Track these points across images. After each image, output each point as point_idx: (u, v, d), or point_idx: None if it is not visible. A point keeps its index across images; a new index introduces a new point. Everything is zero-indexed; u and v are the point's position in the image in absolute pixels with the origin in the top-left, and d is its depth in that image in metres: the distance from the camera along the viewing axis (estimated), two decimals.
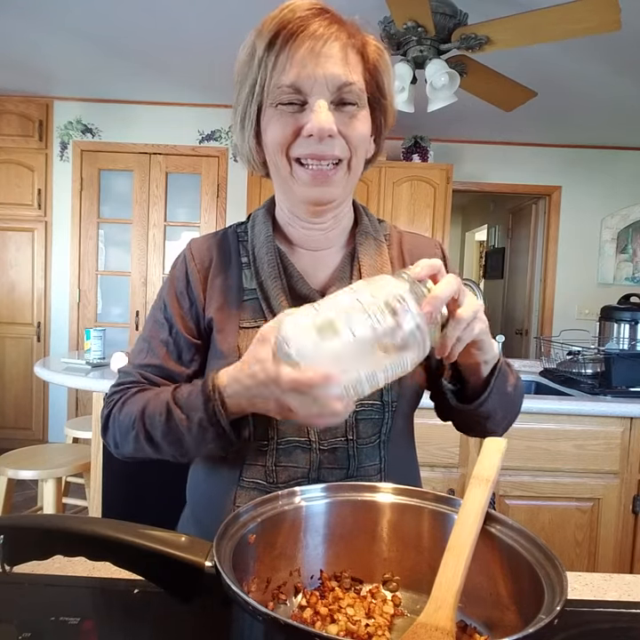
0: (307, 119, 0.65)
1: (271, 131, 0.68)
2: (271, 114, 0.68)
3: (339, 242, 0.79)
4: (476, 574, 0.50)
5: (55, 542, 0.49)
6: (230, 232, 0.83)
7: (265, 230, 0.78)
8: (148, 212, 4.15)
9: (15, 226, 4.10)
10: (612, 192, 4.54)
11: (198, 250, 0.80)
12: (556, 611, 0.37)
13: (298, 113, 0.66)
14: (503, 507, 1.83)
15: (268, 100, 0.67)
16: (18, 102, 4.00)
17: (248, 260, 0.78)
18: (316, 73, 0.64)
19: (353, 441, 0.72)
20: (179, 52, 3.18)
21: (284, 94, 0.65)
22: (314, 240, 0.77)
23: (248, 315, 0.74)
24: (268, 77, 0.66)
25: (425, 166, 4.06)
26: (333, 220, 0.76)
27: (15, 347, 4.15)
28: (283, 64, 0.65)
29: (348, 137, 0.67)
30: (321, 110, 0.65)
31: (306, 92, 0.65)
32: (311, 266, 0.77)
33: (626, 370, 1.98)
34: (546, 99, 3.24)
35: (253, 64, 0.68)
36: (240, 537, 0.46)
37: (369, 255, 0.77)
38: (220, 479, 0.75)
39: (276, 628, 0.35)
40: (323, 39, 0.64)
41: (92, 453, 1.99)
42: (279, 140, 0.67)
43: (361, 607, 0.51)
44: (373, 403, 0.72)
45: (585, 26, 1.99)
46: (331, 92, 0.65)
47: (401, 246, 0.83)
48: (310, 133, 0.65)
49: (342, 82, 0.65)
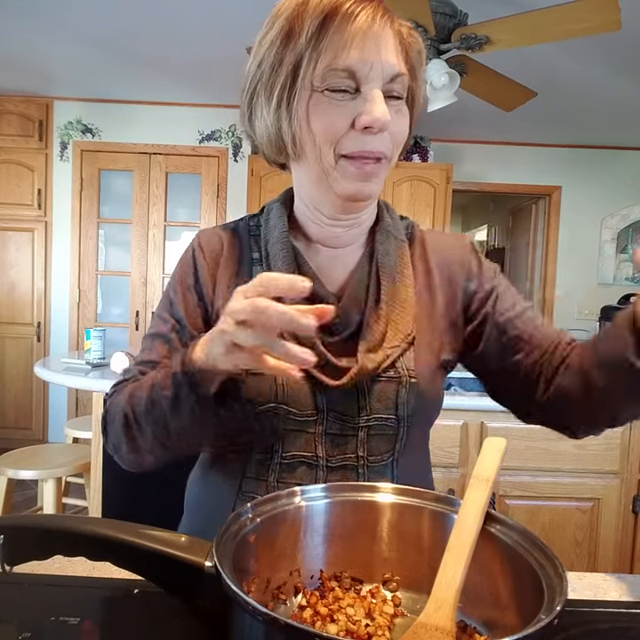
0: (361, 109, 0.60)
1: (320, 121, 0.61)
2: (318, 100, 0.61)
3: (359, 240, 0.74)
4: (476, 574, 0.50)
5: (55, 542, 0.49)
6: (242, 225, 0.78)
7: (280, 225, 0.72)
8: (147, 212, 4.15)
9: (15, 226, 4.10)
10: (612, 192, 4.54)
11: (207, 242, 0.76)
12: (556, 611, 0.37)
13: (349, 102, 0.61)
14: (503, 507, 1.83)
15: (313, 82, 0.61)
16: (18, 102, 4.00)
17: (260, 255, 0.73)
18: (374, 58, 0.59)
19: (364, 458, 0.68)
20: (179, 53, 3.18)
21: (337, 78, 0.60)
22: (335, 237, 0.72)
23: None
24: (321, 57, 0.59)
25: (425, 166, 4.06)
26: (359, 219, 0.71)
27: (15, 347, 4.15)
28: (338, 45, 0.59)
29: (393, 133, 0.63)
30: (379, 100, 0.60)
31: (360, 79, 0.60)
32: (327, 265, 0.73)
33: None
34: (546, 99, 3.24)
35: (298, 41, 0.61)
36: (240, 537, 0.46)
37: (389, 255, 0.72)
38: (219, 492, 0.72)
39: (276, 627, 0.35)
40: (379, 24, 0.60)
41: (92, 453, 1.99)
42: (330, 133, 0.61)
43: (361, 607, 0.51)
44: (387, 417, 0.67)
45: (585, 26, 1.99)
46: (384, 81, 0.61)
47: (424, 245, 0.77)
48: (367, 125, 0.60)
49: (396, 72, 0.61)
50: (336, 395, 0.67)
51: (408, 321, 0.70)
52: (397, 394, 0.67)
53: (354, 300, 0.69)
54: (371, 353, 0.67)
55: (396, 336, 0.68)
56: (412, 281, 0.72)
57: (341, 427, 0.67)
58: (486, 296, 0.74)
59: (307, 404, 0.67)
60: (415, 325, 0.70)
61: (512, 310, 0.73)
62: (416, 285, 0.73)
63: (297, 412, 0.67)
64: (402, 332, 0.69)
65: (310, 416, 0.67)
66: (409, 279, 0.72)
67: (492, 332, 0.73)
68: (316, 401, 0.67)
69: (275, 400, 0.66)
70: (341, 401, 0.67)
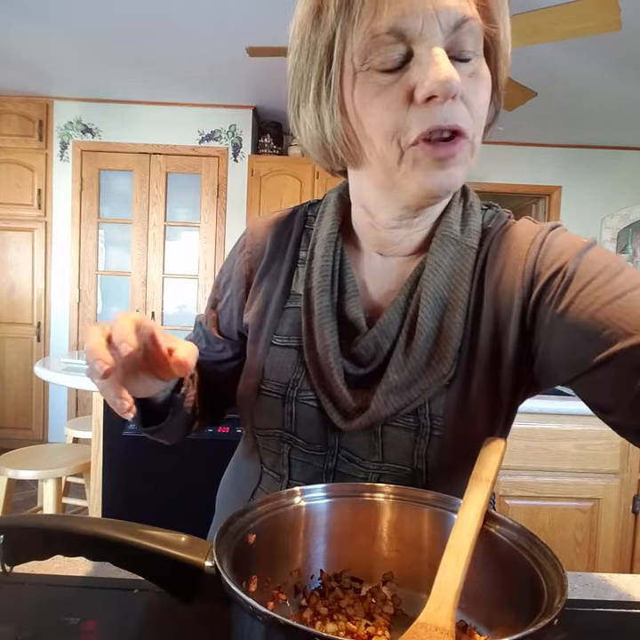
0: (418, 76, 0.46)
1: (372, 111, 0.48)
2: (364, 84, 0.48)
3: (416, 245, 0.60)
4: (476, 574, 0.50)
5: (55, 542, 0.49)
6: (299, 215, 0.68)
7: (330, 224, 0.62)
8: (148, 212, 4.15)
9: (15, 226, 4.10)
10: (612, 192, 4.54)
11: (254, 237, 0.68)
12: (556, 611, 0.37)
13: (402, 74, 0.47)
14: (503, 507, 1.83)
15: (354, 61, 0.48)
16: (18, 102, 4.00)
17: (306, 255, 0.64)
18: (424, 8, 0.45)
19: None
20: (179, 53, 3.18)
21: (383, 46, 0.46)
22: (395, 243, 0.59)
23: (284, 328, 0.63)
24: (356, 27, 0.46)
25: None
26: (426, 219, 0.58)
27: (15, 347, 4.15)
28: (374, 3, 0.45)
29: (470, 103, 0.48)
30: (440, 59, 0.45)
31: (412, 38, 0.46)
32: (374, 277, 0.62)
33: None
34: (546, 99, 3.24)
35: (327, 16, 0.48)
36: (240, 537, 0.46)
37: (440, 271, 0.56)
38: (240, 490, 0.71)
39: (275, 627, 0.35)
40: None
41: (92, 453, 1.99)
42: (386, 124, 0.48)
43: (361, 607, 0.51)
44: (402, 468, 0.59)
45: (585, 26, 1.99)
46: (446, 33, 0.46)
47: (495, 249, 0.58)
48: (431, 94, 0.45)
49: (460, 17, 0.46)
50: (349, 433, 0.60)
51: (448, 358, 0.55)
52: (415, 445, 0.57)
53: (387, 327, 0.57)
54: (392, 394, 0.56)
55: (430, 376, 0.56)
56: (464, 303, 0.56)
57: (351, 467, 0.61)
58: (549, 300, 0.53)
59: (316, 438, 0.61)
60: (458, 362, 0.56)
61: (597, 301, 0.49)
62: (470, 308, 0.57)
63: (304, 444, 0.62)
64: (437, 372, 0.56)
65: (319, 451, 0.62)
66: (461, 300, 0.56)
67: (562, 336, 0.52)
68: (327, 436, 0.61)
69: (281, 426, 0.63)
70: (354, 441, 0.60)
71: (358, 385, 0.59)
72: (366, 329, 0.59)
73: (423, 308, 0.56)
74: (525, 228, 0.59)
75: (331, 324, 0.60)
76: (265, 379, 0.63)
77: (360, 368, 0.59)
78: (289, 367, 0.62)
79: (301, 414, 0.61)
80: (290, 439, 0.62)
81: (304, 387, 0.61)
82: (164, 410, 0.62)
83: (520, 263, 0.56)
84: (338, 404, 0.59)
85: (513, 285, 0.56)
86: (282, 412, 0.62)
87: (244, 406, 0.66)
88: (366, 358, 0.59)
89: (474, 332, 0.57)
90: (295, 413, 0.61)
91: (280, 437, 0.63)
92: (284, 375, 0.62)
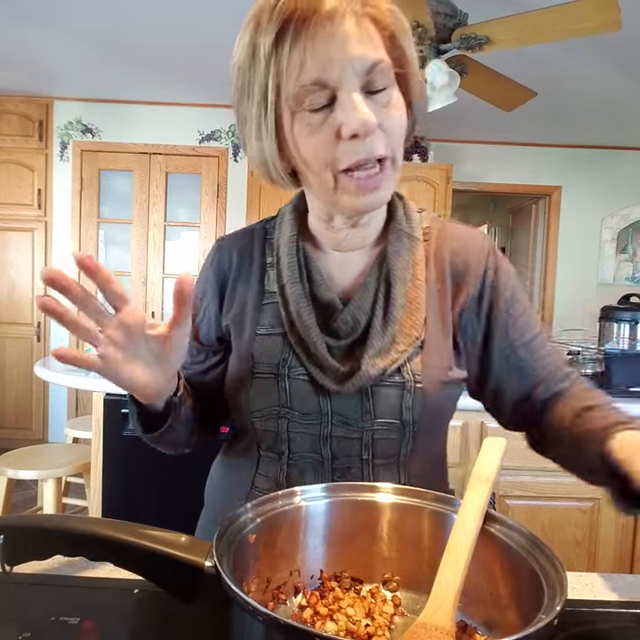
0: (342, 118, 0.56)
1: (308, 147, 0.59)
2: (300, 123, 0.58)
3: (369, 240, 0.71)
4: (476, 574, 0.50)
5: (55, 542, 0.49)
6: (258, 229, 0.78)
7: (289, 230, 0.72)
8: (148, 212, 4.15)
9: (15, 226, 4.10)
10: (612, 192, 4.54)
11: (220, 252, 0.77)
12: (556, 611, 0.37)
13: (328, 113, 0.57)
14: (503, 507, 1.83)
15: (289, 103, 0.57)
16: (18, 102, 4.00)
17: (272, 260, 0.73)
18: (340, 61, 0.55)
19: (369, 461, 0.68)
20: (179, 52, 3.18)
21: (309, 93, 0.56)
22: (346, 240, 0.70)
23: (266, 320, 0.71)
24: (284, 79, 0.56)
25: (425, 166, 4.06)
26: (371, 219, 0.69)
27: (15, 347, 4.15)
28: (299, 59, 0.55)
29: (387, 129, 0.58)
30: (357, 103, 0.55)
31: (333, 86, 0.55)
32: (338, 268, 0.71)
33: (626, 370, 1.98)
34: (546, 99, 3.24)
35: (259, 67, 0.58)
36: (240, 537, 0.46)
37: (400, 257, 0.69)
38: (234, 483, 0.75)
39: (275, 627, 0.35)
40: (337, 18, 0.54)
41: (92, 453, 1.99)
42: (323, 156, 0.58)
43: (361, 607, 0.51)
44: (392, 422, 0.67)
45: (585, 26, 1.99)
46: (360, 77, 0.56)
47: (441, 242, 0.73)
48: (353, 133, 0.55)
49: (370, 63, 0.56)
50: (340, 399, 0.67)
51: (417, 324, 0.67)
52: (402, 399, 0.66)
53: (361, 303, 0.68)
54: (376, 358, 0.65)
55: (405, 340, 0.67)
56: (423, 282, 0.69)
57: (346, 430, 0.67)
58: (500, 316, 0.71)
59: (310, 408, 0.68)
60: (425, 329, 0.68)
61: (520, 339, 0.71)
62: (428, 286, 0.70)
63: (301, 415, 0.68)
64: (410, 336, 0.67)
65: (315, 419, 0.68)
66: (420, 280, 0.69)
67: (495, 355, 0.72)
68: (320, 404, 0.67)
69: (278, 403, 0.68)
70: (345, 405, 0.67)
71: (340, 355, 0.68)
72: (342, 306, 0.68)
73: (394, 286, 0.68)
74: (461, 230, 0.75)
75: (307, 307, 0.68)
76: (256, 363, 0.69)
77: (340, 340, 0.68)
78: (277, 350, 0.69)
79: (295, 388, 0.68)
80: (287, 413, 0.68)
81: (294, 364, 0.68)
82: (163, 417, 0.65)
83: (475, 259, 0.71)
84: (328, 372, 0.66)
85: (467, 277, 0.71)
86: (277, 390, 0.68)
87: (236, 394, 0.71)
88: (345, 331, 0.68)
89: (431, 304, 0.70)
90: (289, 389, 0.68)
91: (277, 414, 0.69)
92: (274, 357, 0.69)
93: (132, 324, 0.52)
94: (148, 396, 0.59)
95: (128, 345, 0.53)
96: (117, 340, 0.52)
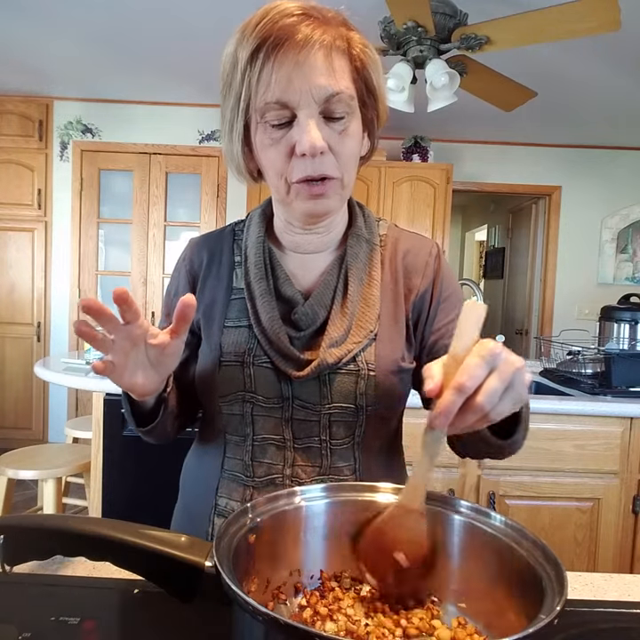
0: (296, 137, 0.64)
1: (268, 157, 0.68)
2: (262, 134, 0.67)
3: (331, 245, 0.79)
4: (476, 574, 0.50)
5: (55, 542, 0.49)
6: (228, 230, 0.85)
7: (257, 231, 0.79)
8: (148, 212, 4.15)
9: (15, 226, 4.10)
10: (612, 192, 4.54)
11: (192, 251, 0.84)
12: (556, 611, 0.37)
13: (288, 130, 0.65)
14: (503, 507, 1.83)
15: (256, 114, 0.66)
16: (18, 102, 4.00)
17: (240, 259, 0.80)
18: (301, 87, 0.62)
19: (326, 441, 0.73)
20: (179, 52, 3.18)
21: (272, 110, 0.64)
22: (307, 244, 0.77)
23: (233, 314, 0.77)
24: (254, 93, 0.64)
25: (425, 166, 4.06)
26: (329, 226, 0.76)
27: (15, 347, 4.15)
28: (267, 79, 0.63)
29: (338, 154, 0.66)
30: (310, 127, 0.63)
31: (293, 107, 0.63)
32: (301, 268, 0.78)
33: (626, 370, 1.98)
34: (546, 99, 3.24)
35: (237, 76, 0.66)
36: (240, 537, 0.46)
37: (358, 259, 0.77)
38: (206, 470, 0.80)
39: (275, 627, 0.35)
40: (306, 48, 0.62)
41: (92, 453, 1.99)
42: (278, 168, 0.67)
43: (361, 607, 0.51)
44: (347, 406, 0.72)
45: (585, 26, 1.99)
46: (318, 104, 0.64)
47: (396, 247, 0.81)
48: (303, 153, 0.64)
49: (329, 93, 0.63)
50: (300, 385, 0.73)
51: (372, 319, 0.75)
52: (356, 385, 0.72)
53: (320, 298, 0.74)
54: (333, 348, 0.72)
55: (360, 332, 0.74)
56: (378, 282, 0.77)
57: (306, 413, 0.74)
58: (434, 309, 0.77)
59: (273, 393, 0.74)
60: (379, 323, 0.75)
61: (438, 332, 0.76)
62: (382, 286, 0.77)
63: (264, 400, 0.74)
64: (365, 329, 0.74)
65: (277, 403, 0.74)
66: (376, 280, 0.77)
67: (423, 345, 0.78)
68: (282, 390, 0.73)
69: (243, 388, 0.74)
70: (305, 390, 0.73)
71: (301, 345, 0.74)
72: (303, 301, 0.75)
73: (351, 284, 0.75)
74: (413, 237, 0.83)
75: (271, 302, 0.75)
76: (224, 352, 0.75)
77: (300, 331, 0.74)
78: (243, 341, 0.75)
79: (259, 375, 0.74)
80: (251, 398, 0.74)
81: (258, 353, 0.74)
82: (154, 411, 0.72)
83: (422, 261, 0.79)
84: (289, 360, 0.73)
85: (415, 280, 0.78)
86: (242, 376, 0.74)
87: (206, 381, 0.77)
88: (305, 323, 0.74)
89: (385, 302, 0.77)
90: (254, 375, 0.74)
91: (243, 398, 0.74)
92: (240, 347, 0.75)
93: (138, 334, 0.57)
94: (142, 394, 0.64)
95: (131, 352, 0.59)
96: (125, 349, 0.58)
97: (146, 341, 0.58)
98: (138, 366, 0.60)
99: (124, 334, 0.57)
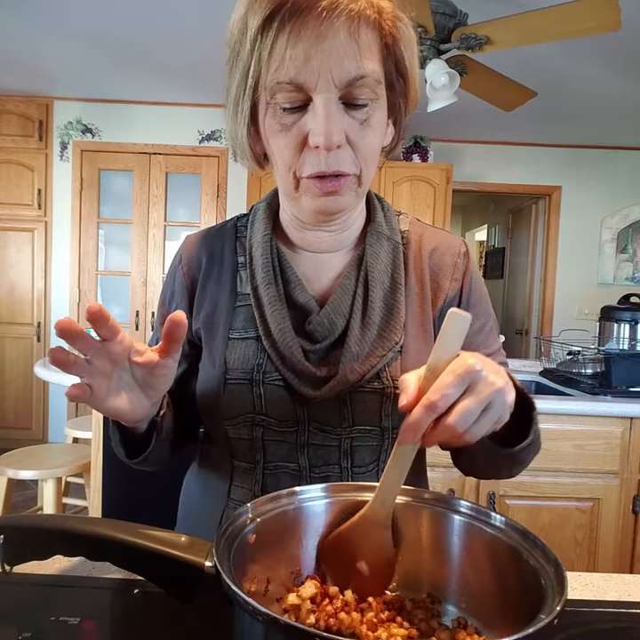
0: (310, 125, 0.55)
1: (277, 145, 0.58)
2: (272, 118, 0.57)
3: (347, 243, 0.69)
4: (477, 574, 0.50)
5: (55, 542, 0.49)
6: (229, 226, 0.74)
7: (263, 228, 0.69)
8: (148, 212, 4.15)
9: (15, 226, 4.09)
10: (612, 192, 4.54)
11: (189, 251, 0.73)
12: (556, 611, 0.37)
13: (301, 116, 0.55)
14: (503, 507, 1.83)
15: (265, 94, 0.56)
16: (18, 102, 4.00)
17: (245, 260, 0.70)
18: (320, 66, 0.52)
19: (347, 469, 0.65)
20: (179, 52, 3.18)
21: (284, 91, 0.54)
22: (320, 242, 0.68)
23: (238, 324, 0.68)
24: (264, 69, 0.54)
25: (425, 166, 4.06)
26: (343, 224, 0.67)
27: (15, 347, 4.15)
28: (280, 54, 0.52)
29: (357, 147, 0.57)
30: (327, 115, 0.53)
31: (309, 89, 0.53)
32: (314, 270, 0.69)
33: (626, 370, 1.98)
34: (546, 99, 3.24)
35: (245, 46, 0.55)
36: (240, 537, 0.46)
37: (379, 260, 0.67)
38: (210, 498, 0.71)
39: (275, 627, 0.35)
40: (330, 19, 0.50)
41: (92, 453, 1.99)
42: (287, 159, 0.58)
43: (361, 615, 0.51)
44: (371, 429, 0.64)
45: (585, 26, 1.99)
46: (339, 87, 0.53)
47: (420, 245, 0.71)
48: (316, 145, 0.55)
49: (352, 76, 0.53)
50: (317, 405, 0.64)
51: (397, 328, 0.65)
52: (381, 405, 0.64)
53: (338, 306, 0.65)
54: (354, 363, 0.63)
55: (384, 344, 0.64)
56: (402, 286, 0.68)
57: (324, 437, 0.65)
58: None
59: (286, 415, 0.65)
60: (404, 333, 0.66)
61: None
62: (407, 290, 0.68)
63: (276, 423, 0.65)
64: (389, 341, 0.65)
65: (291, 426, 0.65)
66: (400, 284, 0.67)
67: None
68: (296, 411, 0.64)
69: (252, 410, 0.65)
70: (323, 412, 0.64)
71: (317, 360, 0.65)
72: (318, 309, 0.66)
73: (372, 289, 0.66)
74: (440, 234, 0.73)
75: (282, 310, 0.65)
76: (229, 368, 0.66)
77: (316, 344, 0.65)
78: (251, 355, 0.66)
79: (270, 395, 0.64)
80: (262, 421, 0.65)
81: (269, 369, 0.65)
82: (146, 439, 0.63)
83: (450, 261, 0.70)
84: (303, 378, 0.63)
85: (443, 283, 0.69)
86: (251, 396, 0.64)
87: (208, 401, 0.68)
88: (321, 334, 0.65)
89: (411, 308, 0.68)
90: (264, 395, 0.64)
91: (252, 421, 0.65)
92: (247, 363, 0.65)
93: (119, 351, 0.50)
94: (131, 421, 0.56)
95: (113, 372, 0.51)
96: (105, 370, 0.50)
97: (130, 359, 0.50)
98: (122, 388, 0.51)
99: (102, 353, 0.49)
